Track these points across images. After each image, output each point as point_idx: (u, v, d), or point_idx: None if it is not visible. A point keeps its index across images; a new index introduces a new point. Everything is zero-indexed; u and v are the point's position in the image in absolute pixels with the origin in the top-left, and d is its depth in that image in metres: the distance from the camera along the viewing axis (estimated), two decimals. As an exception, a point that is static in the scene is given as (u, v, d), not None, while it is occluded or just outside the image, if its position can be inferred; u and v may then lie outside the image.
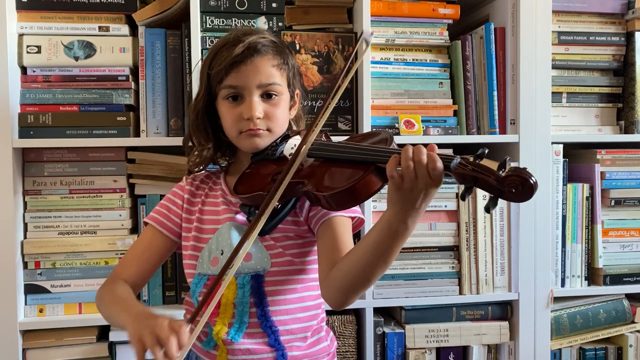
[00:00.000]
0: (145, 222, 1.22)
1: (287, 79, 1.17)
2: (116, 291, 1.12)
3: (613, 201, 1.72)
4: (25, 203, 1.52)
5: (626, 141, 1.75)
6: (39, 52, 1.51)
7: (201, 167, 1.25)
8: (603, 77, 1.78)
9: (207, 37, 1.54)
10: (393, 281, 1.61)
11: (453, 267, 1.65)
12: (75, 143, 1.49)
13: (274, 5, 1.59)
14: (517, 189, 0.79)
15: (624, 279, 1.74)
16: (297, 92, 1.22)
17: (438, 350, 1.65)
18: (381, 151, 0.93)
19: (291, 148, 1.12)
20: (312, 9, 1.61)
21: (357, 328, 1.63)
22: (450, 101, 1.68)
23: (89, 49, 1.53)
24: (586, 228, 1.72)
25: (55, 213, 1.52)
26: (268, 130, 1.13)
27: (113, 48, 1.53)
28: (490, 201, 0.82)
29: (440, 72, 1.68)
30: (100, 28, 1.53)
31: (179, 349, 0.88)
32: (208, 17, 1.56)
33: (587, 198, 1.72)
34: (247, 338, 1.10)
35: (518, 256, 1.65)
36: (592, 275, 1.74)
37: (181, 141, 1.28)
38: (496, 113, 1.65)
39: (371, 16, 1.58)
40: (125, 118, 1.52)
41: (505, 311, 1.68)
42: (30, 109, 1.50)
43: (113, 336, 1.52)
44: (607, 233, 1.74)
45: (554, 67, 1.71)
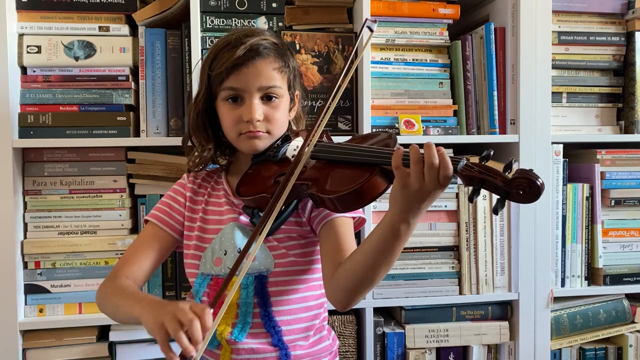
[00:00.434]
0: (145, 220, 1.21)
1: (288, 81, 1.16)
2: (121, 285, 1.09)
3: (613, 201, 1.72)
4: (25, 203, 1.52)
5: (626, 141, 1.75)
6: (39, 52, 1.51)
7: (201, 167, 1.25)
8: (603, 77, 1.78)
9: (207, 37, 1.54)
10: (393, 281, 1.61)
11: (453, 267, 1.65)
12: (75, 143, 1.49)
13: (274, 5, 1.59)
14: (525, 191, 0.79)
15: (624, 279, 1.74)
16: (297, 93, 1.22)
17: (438, 350, 1.65)
18: (387, 153, 0.93)
19: (294, 150, 1.12)
20: (312, 9, 1.61)
21: (357, 328, 1.63)
22: (450, 101, 1.68)
23: (89, 49, 1.53)
24: (586, 228, 1.72)
25: (55, 213, 1.52)
26: (267, 132, 1.13)
27: (113, 48, 1.53)
28: (497, 203, 0.82)
29: (440, 72, 1.68)
30: (100, 28, 1.53)
31: (205, 332, 0.85)
32: (208, 17, 1.56)
33: (587, 198, 1.72)
34: (251, 338, 1.10)
35: (518, 256, 1.65)
36: (592, 275, 1.74)
37: (181, 140, 1.28)
38: (496, 113, 1.65)
39: (371, 16, 1.58)
40: (125, 118, 1.52)
41: (505, 311, 1.68)
42: (30, 109, 1.50)
43: (113, 336, 1.52)
44: (607, 233, 1.74)
45: (554, 67, 1.71)
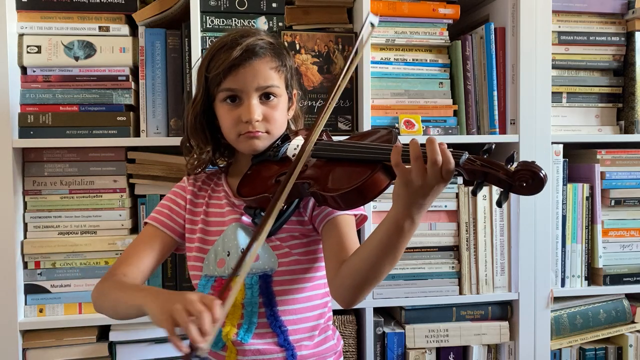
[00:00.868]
0: (145, 223, 1.21)
1: (285, 81, 1.16)
2: (120, 280, 1.08)
3: (613, 201, 1.72)
4: (25, 203, 1.52)
5: (626, 141, 1.75)
6: (39, 52, 1.51)
7: (199, 170, 1.24)
8: (603, 77, 1.78)
9: (207, 37, 1.54)
10: (393, 281, 1.61)
11: (453, 267, 1.65)
12: (75, 143, 1.49)
13: (274, 5, 1.59)
14: (528, 183, 0.79)
15: (624, 279, 1.74)
16: (295, 93, 1.22)
17: (438, 350, 1.65)
18: (388, 149, 0.93)
19: (294, 149, 1.12)
20: (312, 9, 1.61)
21: (357, 328, 1.62)
22: (450, 101, 1.67)
23: (89, 49, 1.52)
24: (586, 228, 1.72)
25: (55, 213, 1.52)
26: (267, 132, 1.12)
27: (113, 48, 1.53)
28: (501, 195, 0.82)
29: (440, 72, 1.68)
30: (100, 28, 1.53)
31: (214, 323, 0.84)
32: (208, 17, 1.56)
33: (587, 198, 1.72)
34: (257, 338, 1.10)
35: (518, 256, 1.65)
36: (592, 275, 1.74)
37: (180, 142, 1.27)
38: (496, 113, 1.65)
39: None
40: (125, 118, 1.52)
41: (505, 311, 1.68)
42: (30, 109, 1.49)
43: (113, 336, 1.52)
44: (607, 233, 1.74)
45: (554, 67, 1.71)
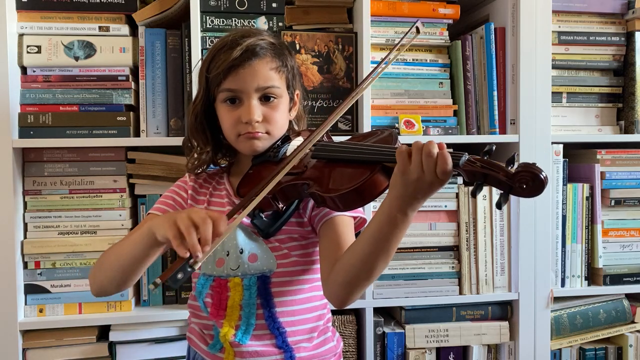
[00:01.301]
0: (148, 214, 1.18)
1: (286, 81, 1.15)
2: (114, 245, 1.09)
3: (613, 201, 1.72)
4: (25, 203, 1.52)
5: (626, 141, 1.75)
6: (39, 52, 1.51)
7: (200, 170, 1.23)
8: (603, 77, 1.78)
9: (207, 37, 1.54)
10: (393, 281, 1.61)
11: (453, 267, 1.65)
12: (75, 143, 1.49)
13: (274, 5, 1.59)
14: (528, 185, 0.78)
15: (624, 279, 1.74)
16: (297, 93, 1.21)
17: (438, 350, 1.65)
18: (388, 149, 0.93)
19: (294, 150, 1.12)
20: (312, 9, 1.61)
21: (357, 328, 1.63)
22: (450, 101, 1.68)
23: (89, 49, 1.53)
24: (586, 228, 1.72)
25: (55, 213, 1.52)
26: (267, 133, 1.12)
27: (113, 48, 1.53)
28: (501, 197, 0.81)
29: (440, 72, 1.68)
30: (100, 28, 1.53)
31: (216, 237, 0.84)
32: (208, 17, 1.56)
33: (587, 198, 1.72)
34: (255, 340, 1.09)
35: (518, 256, 1.65)
36: (592, 275, 1.74)
37: (181, 141, 1.27)
38: (496, 113, 1.65)
39: (371, 16, 1.58)
40: (125, 118, 1.52)
41: (505, 311, 1.68)
42: (30, 109, 1.50)
43: (113, 336, 1.52)
44: (607, 233, 1.74)
45: (554, 67, 1.71)
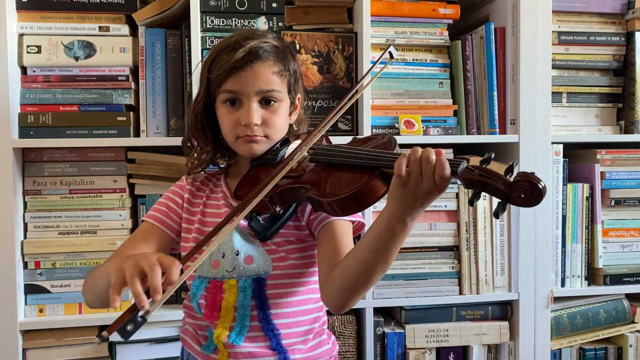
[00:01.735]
0: (142, 220, 1.19)
1: (288, 85, 1.14)
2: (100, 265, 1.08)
3: (613, 201, 1.72)
4: (25, 203, 1.52)
5: (626, 141, 1.75)
6: (39, 52, 1.51)
7: (199, 169, 1.23)
8: (603, 77, 1.78)
9: (207, 37, 1.54)
10: (393, 281, 1.61)
11: (453, 267, 1.65)
12: (75, 143, 1.49)
13: (274, 5, 1.59)
14: (526, 194, 0.77)
15: (624, 279, 1.74)
16: (299, 97, 1.21)
17: (438, 350, 1.65)
18: (386, 155, 0.92)
19: (291, 153, 1.11)
20: (312, 9, 1.61)
21: (357, 328, 1.63)
22: (450, 101, 1.67)
23: (89, 49, 1.52)
24: (586, 228, 1.72)
25: (55, 213, 1.52)
26: (266, 136, 1.12)
27: (113, 48, 1.53)
28: (498, 206, 0.80)
29: (440, 72, 1.68)
30: (100, 28, 1.53)
31: (167, 285, 0.78)
32: (208, 17, 1.56)
33: (587, 198, 1.72)
34: (249, 342, 1.09)
35: (518, 256, 1.65)
36: (592, 275, 1.74)
37: (181, 141, 1.27)
38: (496, 113, 1.65)
39: (371, 16, 1.58)
40: (125, 118, 1.52)
41: (505, 311, 1.68)
42: (30, 109, 1.49)
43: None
44: (607, 233, 1.74)
45: (554, 67, 1.71)
